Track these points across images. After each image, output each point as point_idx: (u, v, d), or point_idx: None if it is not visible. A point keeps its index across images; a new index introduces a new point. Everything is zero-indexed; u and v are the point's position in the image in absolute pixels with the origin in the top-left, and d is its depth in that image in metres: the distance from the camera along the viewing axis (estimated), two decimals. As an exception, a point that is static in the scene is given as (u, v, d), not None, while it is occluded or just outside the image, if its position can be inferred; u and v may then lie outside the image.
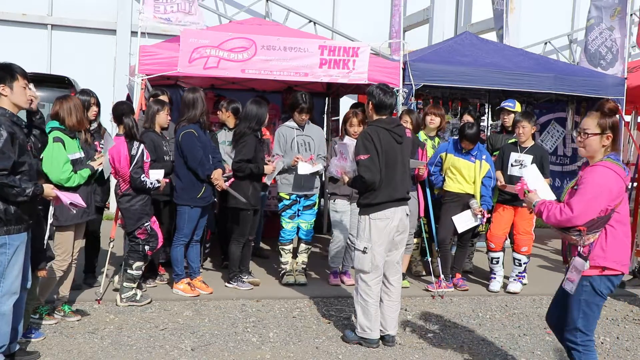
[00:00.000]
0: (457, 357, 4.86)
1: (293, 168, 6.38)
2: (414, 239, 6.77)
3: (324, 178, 7.09)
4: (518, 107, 7.20)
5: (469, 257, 7.43)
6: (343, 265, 6.73)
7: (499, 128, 7.81)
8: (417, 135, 6.58)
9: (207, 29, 7.63)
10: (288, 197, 6.53)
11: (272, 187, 7.76)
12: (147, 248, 5.60)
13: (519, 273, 6.76)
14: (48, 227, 4.55)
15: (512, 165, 6.56)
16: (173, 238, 6.08)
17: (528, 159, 6.47)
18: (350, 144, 5.22)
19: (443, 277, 6.61)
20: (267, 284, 6.57)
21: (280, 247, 6.65)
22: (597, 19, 8.56)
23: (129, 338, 4.93)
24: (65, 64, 11.69)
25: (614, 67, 8.37)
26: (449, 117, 8.76)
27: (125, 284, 5.67)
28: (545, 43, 14.48)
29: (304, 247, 6.68)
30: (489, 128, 9.21)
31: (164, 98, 6.30)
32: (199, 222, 6.08)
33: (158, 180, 5.61)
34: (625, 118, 8.52)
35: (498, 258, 6.72)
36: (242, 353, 4.75)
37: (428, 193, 6.73)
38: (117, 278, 6.06)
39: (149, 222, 5.61)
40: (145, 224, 5.57)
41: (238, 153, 6.13)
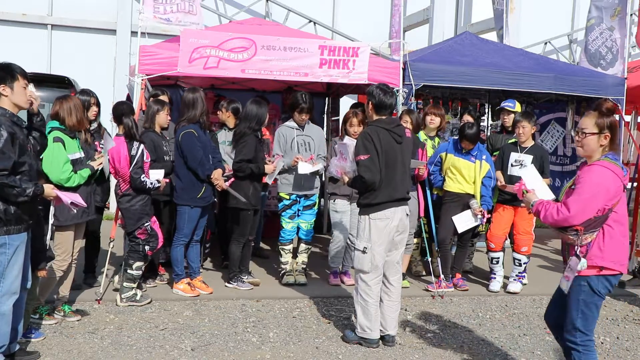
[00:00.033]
0: (457, 357, 4.86)
1: (293, 168, 6.38)
2: (414, 239, 6.77)
3: (324, 178, 7.08)
4: (518, 107, 7.20)
5: (469, 257, 7.43)
6: (343, 265, 6.73)
7: (499, 128, 7.81)
8: (417, 136, 6.58)
9: (207, 29, 7.64)
10: (288, 197, 6.53)
11: (272, 187, 7.76)
12: (147, 248, 5.60)
13: (519, 273, 6.76)
14: (50, 227, 4.56)
15: (512, 165, 6.55)
16: (173, 238, 6.08)
17: (528, 159, 6.47)
18: (350, 144, 5.22)
19: (443, 277, 6.61)
20: (267, 284, 6.57)
21: (280, 247, 6.65)
22: (597, 19, 8.55)
23: (129, 338, 4.93)
24: (65, 64, 11.69)
25: (614, 67, 8.36)
26: (449, 117, 8.76)
27: (125, 284, 5.67)
28: (545, 43, 14.48)
29: (304, 247, 6.68)
30: (489, 128, 9.21)
31: (164, 98, 6.30)
32: (199, 222, 6.08)
33: (158, 180, 5.61)
34: (625, 118, 8.51)
35: (498, 258, 6.72)
36: (242, 353, 4.75)
37: (428, 193, 6.73)
38: (117, 278, 6.07)
39: (149, 222, 5.61)
40: (146, 224, 5.57)
41: (238, 153, 6.13)
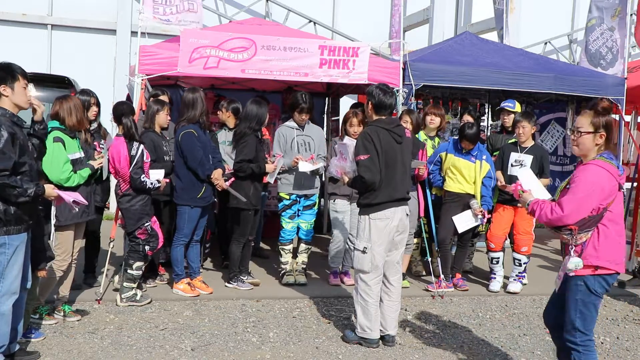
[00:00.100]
0: (457, 357, 4.86)
1: (293, 168, 6.38)
2: (414, 239, 6.77)
3: (324, 178, 7.08)
4: (518, 107, 7.20)
5: (469, 257, 7.43)
6: (343, 265, 6.73)
7: (499, 128, 7.81)
8: (417, 136, 6.58)
9: (207, 29, 7.64)
10: (288, 197, 6.52)
11: (272, 187, 7.76)
12: (147, 248, 5.60)
13: (519, 273, 6.76)
14: (52, 227, 4.56)
15: (512, 165, 6.55)
16: (173, 238, 6.08)
17: (528, 159, 6.47)
18: (350, 144, 5.22)
19: (443, 277, 6.61)
20: (267, 284, 6.57)
21: (280, 247, 6.64)
22: (598, 20, 8.54)
23: (129, 338, 4.93)
24: (65, 64, 11.67)
25: (614, 67, 8.36)
26: (449, 117, 8.76)
27: (125, 284, 5.67)
28: (545, 43, 14.47)
29: (304, 247, 6.68)
30: (489, 128, 9.21)
31: (164, 98, 6.30)
32: (199, 222, 6.08)
33: (158, 181, 5.61)
34: (626, 118, 8.51)
35: (498, 258, 6.72)
36: (242, 353, 4.75)
37: (428, 193, 6.73)
38: (117, 278, 6.07)
39: (149, 222, 5.61)
40: (146, 224, 5.57)
41: (239, 153, 6.13)
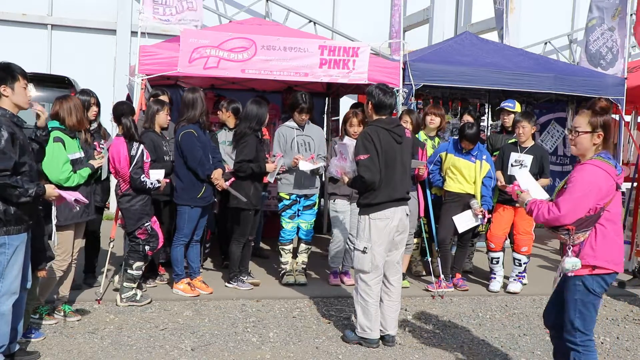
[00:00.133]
0: (457, 357, 4.86)
1: (293, 168, 6.38)
2: (414, 239, 6.77)
3: (324, 178, 7.08)
4: (518, 107, 7.20)
5: (469, 257, 7.43)
6: (343, 265, 6.73)
7: (499, 128, 7.81)
8: (417, 136, 6.58)
9: (207, 29, 7.64)
10: (288, 197, 6.52)
11: (272, 187, 7.76)
12: (147, 248, 5.60)
13: (519, 273, 6.76)
14: (54, 227, 4.56)
15: (512, 165, 6.55)
16: (173, 238, 6.08)
17: (528, 159, 6.47)
18: (350, 144, 5.22)
19: (443, 277, 6.61)
20: (267, 284, 6.57)
21: (280, 247, 6.64)
22: (599, 20, 8.54)
23: (129, 338, 4.93)
24: (65, 64, 11.68)
25: (614, 67, 8.36)
26: (449, 117, 8.76)
27: (125, 284, 5.67)
28: (545, 43, 14.47)
29: (304, 247, 6.68)
30: (489, 128, 9.21)
31: (164, 98, 6.30)
32: (199, 222, 6.08)
33: (158, 181, 5.61)
34: (626, 118, 8.51)
35: (498, 258, 6.72)
36: (242, 353, 4.75)
37: (428, 193, 6.73)
38: (117, 278, 6.07)
39: (149, 222, 5.61)
40: (146, 224, 5.57)
41: (239, 153, 6.13)
